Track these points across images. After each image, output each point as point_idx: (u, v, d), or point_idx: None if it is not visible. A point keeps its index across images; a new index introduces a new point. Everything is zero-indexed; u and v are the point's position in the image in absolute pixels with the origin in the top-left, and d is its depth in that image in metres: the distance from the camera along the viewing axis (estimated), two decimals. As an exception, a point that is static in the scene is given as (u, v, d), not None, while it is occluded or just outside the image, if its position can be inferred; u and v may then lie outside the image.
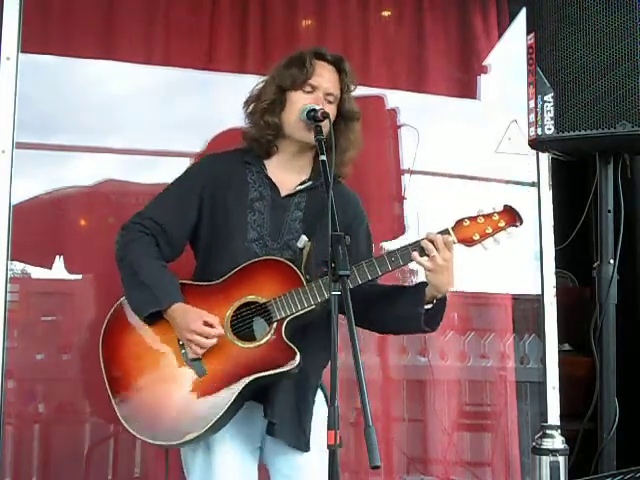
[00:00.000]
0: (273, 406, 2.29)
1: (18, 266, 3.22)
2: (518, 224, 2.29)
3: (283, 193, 2.41)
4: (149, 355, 2.31)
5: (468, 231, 2.26)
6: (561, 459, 2.87)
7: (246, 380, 2.22)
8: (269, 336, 2.25)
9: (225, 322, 2.27)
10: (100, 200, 3.35)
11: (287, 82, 2.41)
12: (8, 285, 2.87)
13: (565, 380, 3.45)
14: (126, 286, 2.33)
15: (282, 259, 2.30)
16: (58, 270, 3.29)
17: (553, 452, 2.86)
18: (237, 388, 2.21)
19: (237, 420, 2.28)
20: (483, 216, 2.28)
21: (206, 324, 2.23)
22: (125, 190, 3.35)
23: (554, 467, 2.85)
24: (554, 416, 3.39)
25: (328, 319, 2.31)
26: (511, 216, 2.28)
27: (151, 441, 2.26)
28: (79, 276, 3.39)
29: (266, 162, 2.45)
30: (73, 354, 3.21)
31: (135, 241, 2.34)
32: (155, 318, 2.29)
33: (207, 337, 2.23)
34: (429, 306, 2.31)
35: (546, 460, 2.87)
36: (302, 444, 2.33)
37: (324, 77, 2.42)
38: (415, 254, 2.23)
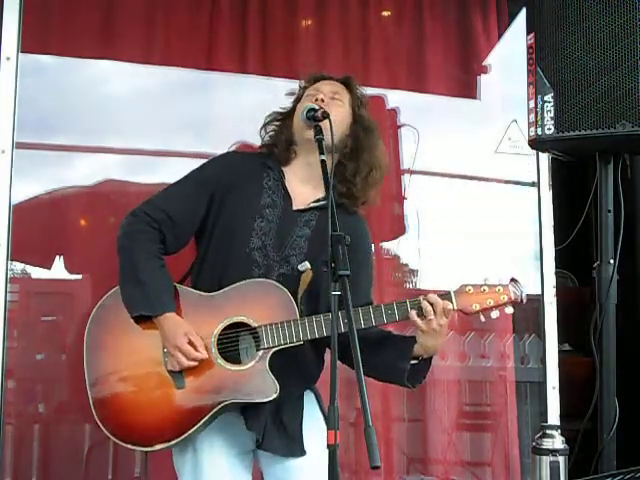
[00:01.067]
0: (254, 419, 2.27)
1: (18, 266, 3.21)
2: (520, 302, 2.28)
3: (295, 206, 2.37)
4: (132, 355, 2.27)
5: (470, 299, 2.26)
6: (561, 459, 2.86)
7: (223, 403, 2.20)
8: (253, 362, 2.22)
9: (212, 339, 2.24)
10: (100, 200, 3.34)
11: (294, 102, 2.47)
12: (8, 285, 2.87)
13: (565, 380, 3.45)
14: (122, 277, 2.30)
15: (283, 287, 2.25)
16: (58, 270, 3.28)
17: (553, 452, 2.85)
18: (212, 408, 2.20)
19: (224, 424, 2.26)
20: (488, 286, 2.28)
21: (191, 344, 2.20)
22: (125, 190, 3.34)
23: (554, 467, 2.84)
24: (554, 416, 3.40)
25: (314, 345, 2.31)
26: (515, 293, 2.27)
27: (121, 443, 2.24)
28: (79, 276, 3.38)
29: (285, 170, 2.42)
30: (73, 354, 3.20)
31: (142, 233, 2.31)
32: (144, 318, 2.26)
33: (188, 358, 2.20)
34: (414, 361, 2.28)
35: (546, 460, 2.86)
36: (296, 451, 2.31)
37: (326, 85, 2.46)
38: (413, 313, 2.22)
